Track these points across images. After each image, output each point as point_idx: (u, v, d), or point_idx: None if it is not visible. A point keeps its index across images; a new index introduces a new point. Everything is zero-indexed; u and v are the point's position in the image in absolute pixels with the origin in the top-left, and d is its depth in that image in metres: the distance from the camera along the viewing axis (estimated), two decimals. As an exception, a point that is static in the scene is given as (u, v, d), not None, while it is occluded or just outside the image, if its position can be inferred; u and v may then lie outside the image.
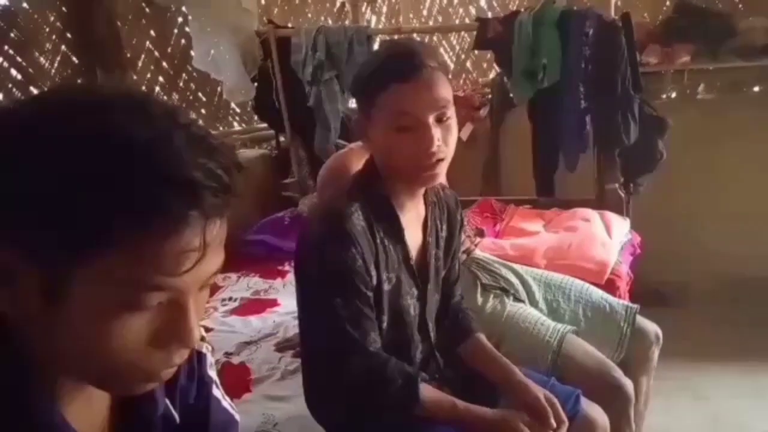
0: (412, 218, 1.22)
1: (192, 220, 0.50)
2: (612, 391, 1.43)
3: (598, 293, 1.75)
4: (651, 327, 1.67)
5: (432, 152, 1.08)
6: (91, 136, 0.48)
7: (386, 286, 1.15)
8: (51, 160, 0.48)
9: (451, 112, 1.12)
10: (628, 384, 1.45)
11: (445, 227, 1.31)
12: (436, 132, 1.08)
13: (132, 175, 0.47)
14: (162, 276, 0.50)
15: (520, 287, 1.75)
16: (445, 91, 1.10)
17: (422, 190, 1.22)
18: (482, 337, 1.33)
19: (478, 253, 1.91)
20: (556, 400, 1.14)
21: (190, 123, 0.53)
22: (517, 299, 1.71)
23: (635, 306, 1.68)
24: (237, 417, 0.82)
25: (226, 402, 0.81)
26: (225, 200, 0.52)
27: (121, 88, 0.55)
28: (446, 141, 1.11)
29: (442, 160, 1.11)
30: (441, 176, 1.14)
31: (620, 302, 1.72)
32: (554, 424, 1.10)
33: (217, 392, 0.79)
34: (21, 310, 0.51)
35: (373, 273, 1.11)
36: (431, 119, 1.08)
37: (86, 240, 0.48)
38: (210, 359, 0.76)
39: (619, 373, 1.46)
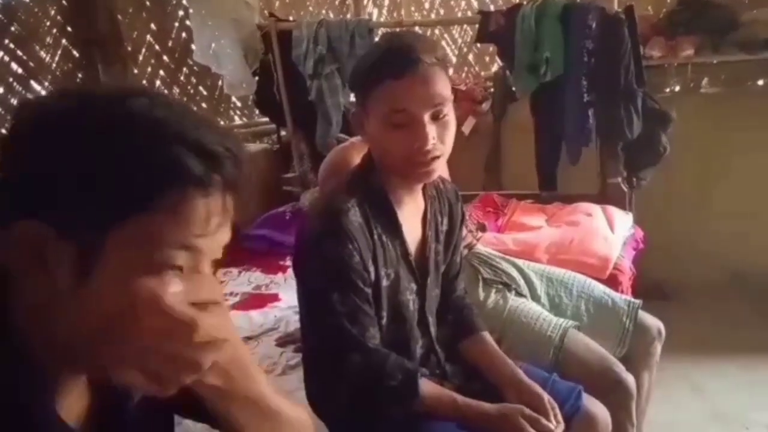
0: (411, 212, 1.21)
1: (216, 184, 0.56)
2: (613, 386, 1.43)
3: (600, 288, 1.74)
4: (653, 322, 1.66)
5: (426, 150, 1.07)
6: (124, 119, 0.54)
7: (385, 282, 1.14)
8: (94, 143, 0.53)
9: (448, 109, 1.10)
10: (629, 379, 1.45)
11: (445, 221, 1.30)
12: (432, 130, 1.07)
13: (165, 146, 0.54)
14: (190, 236, 0.55)
15: (521, 282, 1.74)
16: (443, 87, 1.09)
17: (420, 185, 1.21)
18: (486, 335, 1.32)
19: (480, 247, 1.90)
20: (556, 405, 1.15)
21: (199, 113, 0.60)
22: (519, 294, 1.71)
23: (638, 301, 1.67)
24: None
25: None
26: (240, 174, 0.59)
27: (135, 86, 0.62)
28: (442, 138, 1.10)
29: (437, 157, 1.10)
30: (437, 173, 1.13)
31: (622, 297, 1.71)
32: (554, 424, 1.10)
33: None
34: (45, 292, 0.52)
35: (371, 269, 1.10)
36: (427, 117, 1.07)
37: (126, 207, 0.53)
38: None
39: (620, 368, 1.45)
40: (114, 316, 0.52)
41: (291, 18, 3.23)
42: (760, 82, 3.00)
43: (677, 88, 3.06)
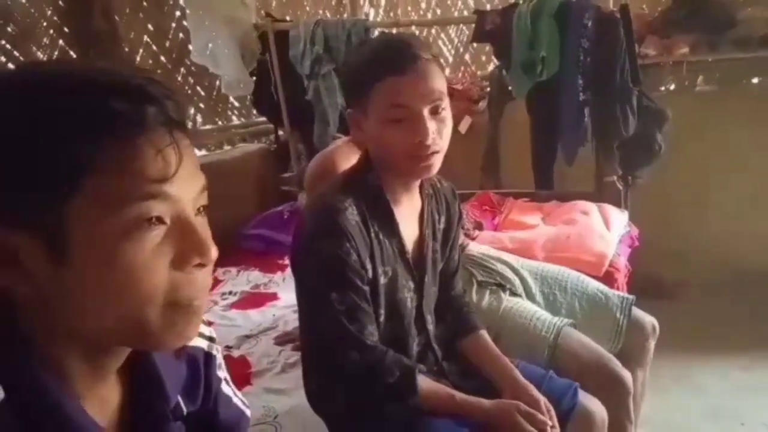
0: (408, 211, 1.22)
1: (152, 117, 0.52)
2: (610, 383, 1.43)
3: (593, 284, 1.75)
4: (647, 319, 1.67)
5: (427, 145, 1.08)
6: (33, 82, 0.52)
7: (382, 280, 1.15)
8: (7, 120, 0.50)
9: (445, 104, 1.12)
10: (626, 376, 1.44)
11: (442, 219, 1.31)
12: (431, 124, 1.09)
13: (84, 97, 0.50)
14: (151, 183, 0.52)
15: (516, 281, 1.74)
16: (440, 82, 1.11)
17: (417, 183, 1.22)
18: (484, 333, 1.33)
19: (472, 247, 1.90)
20: (552, 408, 1.16)
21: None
22: (514, 293, 1.71)
23: (631, 297, 1.68)
24: (248, 412, 0.83)
25: (237, 398, 0.81)
26: (178, 105, 0.55)
27: None
28: (441, 133, 1.11)
29: (436, 152, 1.11)
30: (436, 168, 1.14)
31: (616, 293, 1.71)
32: (549, 422, 1.11)
33: (228, 389, 0.79)
34: (32, 285, 0.51)
35: (369, 267, 1.11)
36: (426, 111, 1.08)
37: (69, 174, 0.50)
38: (219, 360, 0.76)
39: (616, 364, 1.45)
40: (104, 294, 0.52)
41: (288, 18, 3.24)
42: (755, 80, 3.01)
43: (672, 87, 3.07)
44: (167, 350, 0.63)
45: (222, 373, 0.77)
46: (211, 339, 0.75)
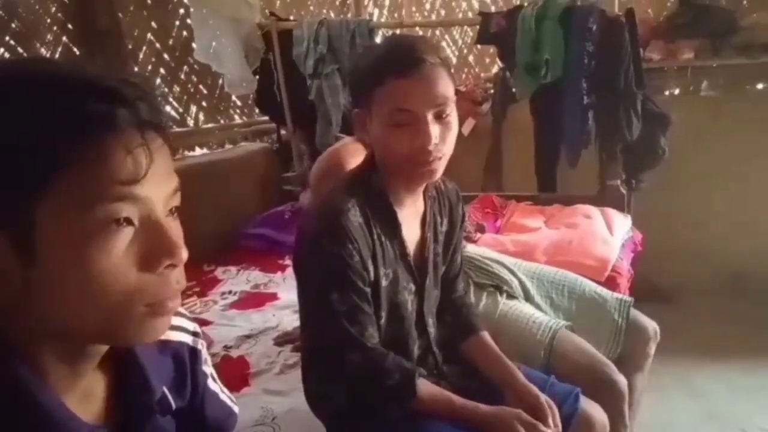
0: (411, 214, 1.22)
1: (123, 119, 0.53)
2: (605, 387, 1.41)
3: (591, 287, 1.73)
4: (649, 323, 1.65)
5: (428, 150, 1.07)
6: (5, 81, 0.52)
7: (384, 282, 1.14)
8: None
9: (450, 109, 1.10)
10: (621, 380, 1.43)
11: (445, 221, 1.30)
12: (434, 129, 1.07)
13: (55, 99, 0.51)
14: (121, 185, 0.52)
15: (514, 283, 1.72)
16: (446, 87, 1.09)
17: (422, 186, 1.21)
18: (485, 335, 1.32)
19: (470, 249, 1.89)
20: (554, 406, 1.14)
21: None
22: (511, 296, 1.70)
23: (629, 299, 1.66)
24: (236, 409, 0.83)
25: (224, 395, 0.81)
26: (151, 105, 0.55)
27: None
28: (444, 139, 1.10)
29: (439, 158, 1.10)
30: (439, 173, 1.13)
31: (614, 295, 1.69)
32: (551, 424, 1.10)
33: (214, 386, 0.79)
34: (5, 284, 0.51)
35: (371, 268, 1.10)
36: (429, 116, 1.07)
37: (36, 172, 0.49)
38: (204, 355, 0.77)
39: (612, 368, 1.44)
40: (74, 294, 0.52)
41: (292, 17, 3.24)
42: (760, 86, 3.01)
43: (677, 91, 3.07)
44: (138, 345, 0.63)
45: (208, 368, 0.77)
46: (195, 334, 0.75)
